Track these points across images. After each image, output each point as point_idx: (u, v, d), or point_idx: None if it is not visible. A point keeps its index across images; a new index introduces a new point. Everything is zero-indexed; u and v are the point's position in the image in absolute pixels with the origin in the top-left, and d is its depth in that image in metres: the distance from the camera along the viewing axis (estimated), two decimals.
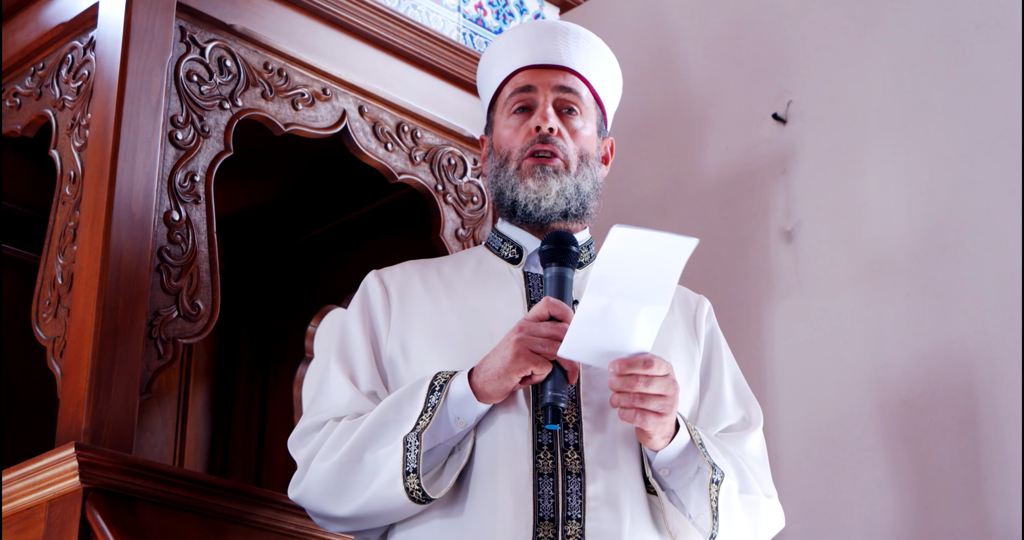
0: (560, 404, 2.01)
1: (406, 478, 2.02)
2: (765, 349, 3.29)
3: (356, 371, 2.21)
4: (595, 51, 2.38)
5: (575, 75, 2.34)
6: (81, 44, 2.71)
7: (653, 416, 2.03)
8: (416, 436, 2.03)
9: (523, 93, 2.31)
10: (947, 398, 2.96)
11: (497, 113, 2.36)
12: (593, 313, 1.99)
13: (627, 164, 3.53)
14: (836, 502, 3.07)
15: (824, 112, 3.33)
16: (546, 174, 2.25)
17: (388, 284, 2.29)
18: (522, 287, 2.26)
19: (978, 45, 3.10)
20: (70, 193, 2.61)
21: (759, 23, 3.53)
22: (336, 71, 2.85)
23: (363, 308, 2.27)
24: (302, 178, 3.32)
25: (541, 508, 2.03)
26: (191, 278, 2.56)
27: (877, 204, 3.18)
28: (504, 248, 2.32)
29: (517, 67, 2.34)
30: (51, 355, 2.51)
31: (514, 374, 2.03)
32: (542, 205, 2.26)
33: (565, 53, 2.34)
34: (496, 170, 2.31)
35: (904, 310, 3.07)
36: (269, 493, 2.52)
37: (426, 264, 2.36)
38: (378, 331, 2.24)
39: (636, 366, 2.02)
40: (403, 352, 2.21)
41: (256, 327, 3.56)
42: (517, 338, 2.03)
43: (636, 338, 2.02)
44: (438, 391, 2.07)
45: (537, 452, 2.07)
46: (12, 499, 2.41)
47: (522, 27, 2.41)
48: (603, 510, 2.05)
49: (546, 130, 2.26)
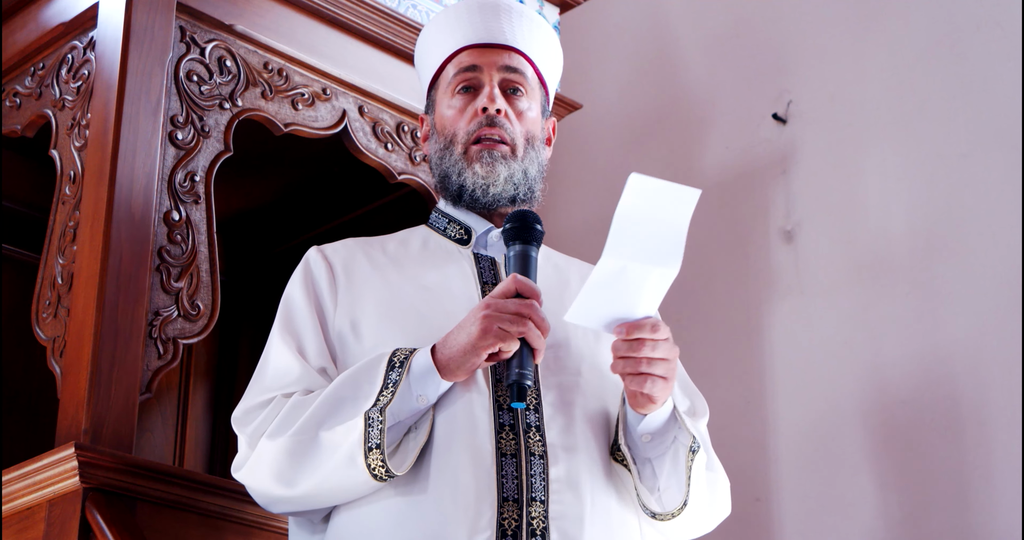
0: (526, 382, 1.96)
1: (368, 454, 1.96)
2: (765, 349, 3.29)
3: (304, 346, 2.14)
4: (538, 29, 2.32)
5: (520, 54, 2.29)
6: (81, 44, 2.71)
7: (660, 381, 2.01)
8: (379, 411, 1.97)
9: (467, 72, 2.26)
10: (946, 398, 2.96)
11: (439, 92, 2.30)
12: (608, 276, 1.97)
13: (627, 164, 3.53)
14: (836, 502, 3.07)
15: (824, 112, 3.34)
16: (494, 160, 2.21)
17: (332, 259, 2.23)
18: (473, 267, 2.22)
19: (978, 45, 3.10)
20: (70, 193, 2.61)
21: (759, 23, 3.53)
22: (336, 71, 2.85)
23: (307, 282, 2.21)
24: (302, 178, 3.32)
25: (505, 488, 1.99)
26: (191, 278, 2.56)
27: (877, 204, 3.18)
28: (450, 229, 2.28)
29: (460, 45, 2.28)
30: (51, 355, 2.51)
31: (481, 350, 1.98)
32: (490, 191, 2.22)
33: (509, 32, 2.29)
34: (440, 152, 2.26)
35: (903, 310, 3.07)
36: None
37: (368, 242, 2.30)
38: (324, 305, 2.17)
39: (643, 330, 1.99)
40: (353, 329, 2.14)
41: (256, 327, 3.55)
42: (484, 315, 1.97)
43: (644, 302, 2.00)
44: (399, 367, 2.01)
45: (499, 432, 2.03)
46: (12, 499, 2.41)
47: (463, 3, 2.32)
48: (566, 493, 2.02)
49: (493, 111, 2.22)
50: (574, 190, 3.75)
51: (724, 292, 3.41)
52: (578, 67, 3.70)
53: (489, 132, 2.22)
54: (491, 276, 2.21)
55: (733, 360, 3.36)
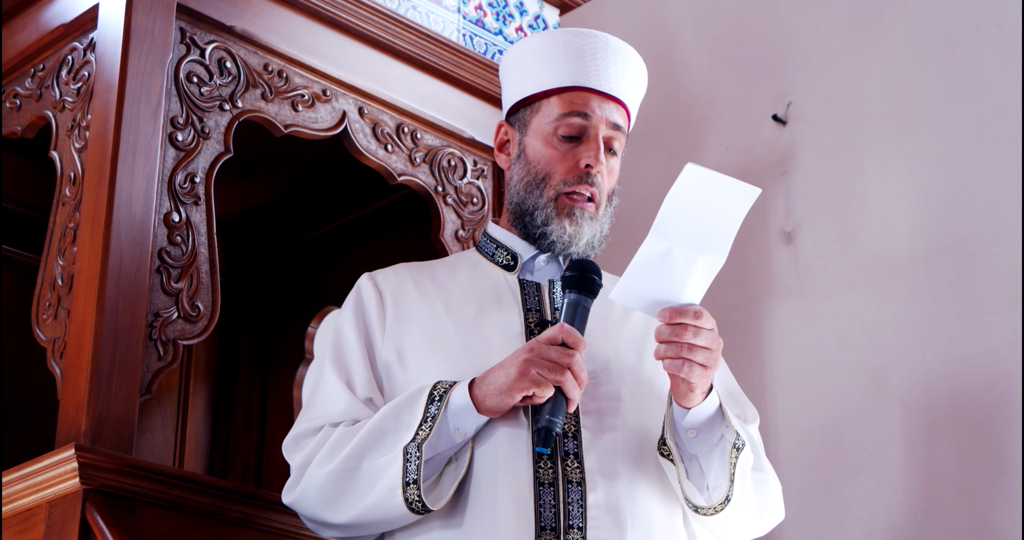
0: (555, 429, 2.00)
1: (406, 489, 2.01)
2: (765, 350, 3.29)
3: (352, 376, 2.19)
4: (639, 75, 2.33)
5: (624, 109, 2.30)
6: (81, 45, 2.71)
7: (699, 368, 2.02)
8: (416, 447, 2.02)
9: (579, 119, 2.24)
10: (946, 399, 2.96)
11: (538, 118, 2.28)
12: (652, 257, 1.98)
13: (627, 165, 3.52)
14: (836, 502, 3.07)
15: (824, 113, 3.34)
16: (583, 219, 2.23)
17: (382, 287, 2.27)
18: (517, 296, 2.24)
19: (978, 45, 3.10)
20: (70, 194, 2.61)
21: (759, 23, 3.53)
22: (336, 72, 2.85)
23: (357, 311, 2.25)
24: (302, 179, 3.32)
25: (543, 517, 2.03)
26: (191, 279, 2.56)
27: (877, 205, 3.18)
28: (498, 254, 2.30)
29: (578, 83, 2.26)
30: (51, 356, 2.51)
31: (516, 392, 2.02)
32: (570, 249, 2.24)
33: (623, 82, 2.28)
34: (527, 186, 2.26)
35: (904, 311, 3.07)
36: (269, 494, 2.52)
37: (419, 267, 2.34)
38: (373, 335, 2.22)
39: (686, 316, 2.01)
40: (399, 359, 2.19)
41: (256, 328, 3.56)
42: (525, 359, 2.01)
43: (689, 288, 2.02)
44: (437, 401, 2.05)
45: (537, 461, 2.06)
46: (12, 500, 2.41)
47: (590, 36, 2.30)
48: (604, 518, 2.04)
49: (595, 172, 2.23)
50: None
51: (724, 293, 3.41)
52: None
53: (585, 190, 2.23)
54: (535, 302, 2.23)
55: (733, 361, 3.34)
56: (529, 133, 2.29)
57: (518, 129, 2.32)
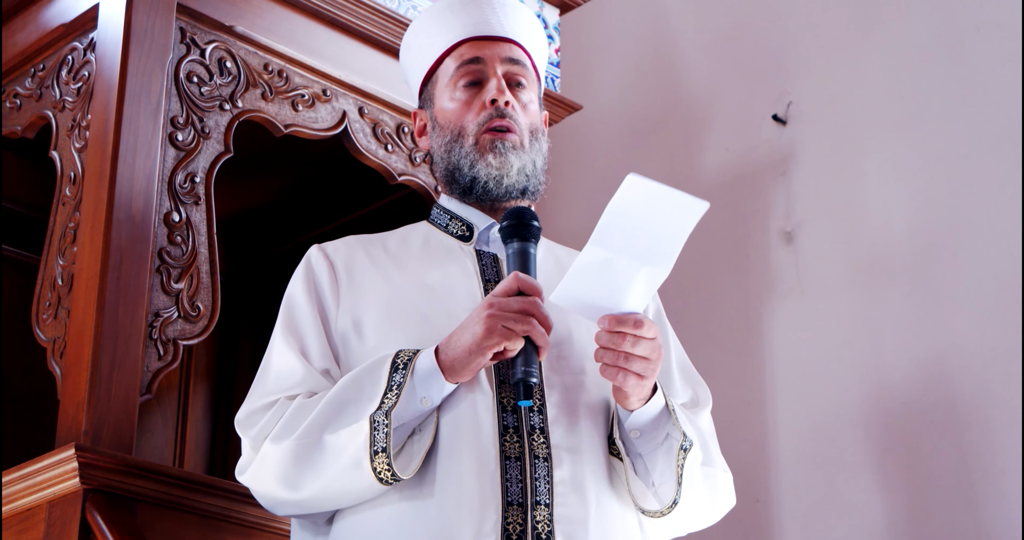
0: (532, 380, 1.96)
1: (374, 458, 1.95)
2: (765, 350, 3.30)
3: (307, 346, 2.12)
4: (529, 20, 2.32)
5: (519, 47, 2.28)
6: (81, 45, 2.71)
7: (634, 377, 1.99)
8: (384, 414, 1.96)
9: (471, 65, 2.24)
10: (946, 399, 2.97)
11: (438, 87, 2.28)
12: (592, 265, 1.95)
13: (627, 165, 3.53)
14: (836, 502, 3.07)
15: (824, 113, 3.34)
16: (506, 150, 2.19)
17: (334, 258, 2.21)
18: (475, 264, 2.20)
19: (978, 45, 3.10)
20: (70, 194, 2.61)
21: (759, 24, 3.54)
22: (336, 72, 2.85)
23: (308, 282, 2.19)
24: (302, 179, 3.32)
25: (509, 492, 1.98)
26: (191, 279, 2.56)
27: (877, 205, 3.19)
28: (452, 225, 2.27)
29: (459, 38, 2.27)
30: (51, 356, 2.51)
31: (487, 350, 1.96)
32: (503, 182, 2.20)
33: (507, 23, 2.28)
34: (448, 145, 2.23)
35: (903, 311, 3.08)
36: None
37: (369, 239, 2.28)
38: (327, 306, 2.16)
39: (626, 325, 1.98)
40: (356, 328, 2.13)
41: (256, 328, 3.56)
42: (489, 314, 1.96)
43: (631, 297, 1.99)
44: (402, 369, 2.00)
45: (503, 435, 2.02)
46: (12, 500, 2.41)
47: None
48: (570, 495, 2.01)
49: (502, 103, 2.20)
50: (574, 190, 3.75)
51: (724, 293, 3.42)
52: (578, 68, 3.70)
53: (500, 123, 2.20)
54: (493, 273, 2.19)
55: (733, 361, 3.36)
56: (435, 102, 2.28)
57: (427, 107, 2.31)
